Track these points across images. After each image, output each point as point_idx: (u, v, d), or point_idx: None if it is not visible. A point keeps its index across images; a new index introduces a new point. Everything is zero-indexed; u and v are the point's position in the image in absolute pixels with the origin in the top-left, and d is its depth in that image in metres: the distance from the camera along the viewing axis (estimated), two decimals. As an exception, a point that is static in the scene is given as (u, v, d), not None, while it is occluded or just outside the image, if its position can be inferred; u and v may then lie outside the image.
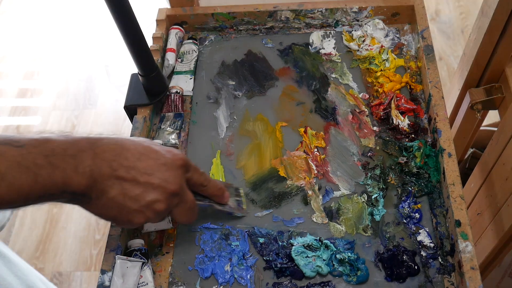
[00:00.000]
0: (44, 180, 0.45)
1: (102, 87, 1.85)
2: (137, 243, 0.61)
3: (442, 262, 0.59)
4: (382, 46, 0.78)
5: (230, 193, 0.62)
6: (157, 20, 0.81)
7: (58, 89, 1.87)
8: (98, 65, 1.91)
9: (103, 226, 1.51)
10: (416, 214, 0.62)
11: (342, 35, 0.80)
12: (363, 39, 0.79)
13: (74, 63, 1.93)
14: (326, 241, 0.61)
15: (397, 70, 0.75)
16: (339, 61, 0.78)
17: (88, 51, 1.96)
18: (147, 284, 0.58)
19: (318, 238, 0.61)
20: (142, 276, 0.58)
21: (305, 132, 0.71)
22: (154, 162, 0.51)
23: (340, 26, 0.81)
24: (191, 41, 0.80)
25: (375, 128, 0.70)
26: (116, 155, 0.49)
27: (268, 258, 0.60)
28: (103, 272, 0.58)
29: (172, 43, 0.79)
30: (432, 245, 0.60)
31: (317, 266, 0.59)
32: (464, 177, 0.95)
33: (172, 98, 0.74)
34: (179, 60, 0.79)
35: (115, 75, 1.87)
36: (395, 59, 0.76)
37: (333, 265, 0.59)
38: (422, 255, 0.59)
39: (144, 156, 0.51)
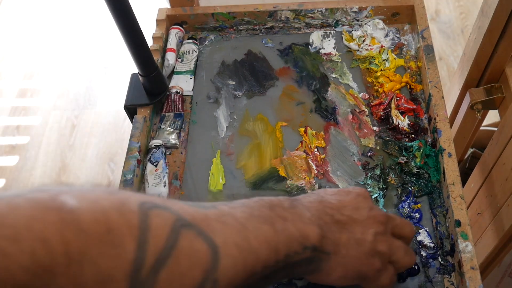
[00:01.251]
0: (283, 231, 0.39)
1: (102, 87, 1.86)
2: (137, 243, 0.61)
3: (442, 262, 0.59)
4: (382, 46, 0.78)
5: None
6: (157, 20, 0.81)
7: (58, 89, 1.87)
8: (98, 65, 1.91)
9: (103, 226, 1.51)
10: (416, 214, 0.62)
11: (342, 35, 0.80)
12: (363, 39, 0.79)
13: (74, 63, 1.93)
14: (326, 241, 0.61)
15: (397, 70, 0.75)
16: (339, 61, 0.78)
17: (88, 51, 1.96)
18: (147, 284, 0.58)
19: (318, 238, 0.61)
20: (142, 276, 0.58)
21: (305, 132, 0.71)
22: (347, 196, 0.48)
23: (340, 26, 0.81)
24: (191, 41, 0.80)
25: (375, 128, 0.70)
26: (319, 203, 0.46)
27: (268, 258, 0.60)
28: (103, 272, 0.58)
29: (172, 43, 0.79)
30: (432, 245, 0.60)
31: (317, 266, 0.59)
32: (464, 177, 0.95)
33: (172, 98, 0.74)
34: (179, 60, 0.79)
35: (115, 75, 1.87)
36: (395, 59, 0.76)
37: (333, 265, 0.59)
38: (422, 255, 0.59)
39: (336, 195, 0.48)
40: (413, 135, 0.68)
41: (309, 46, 0.80)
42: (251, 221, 0.38)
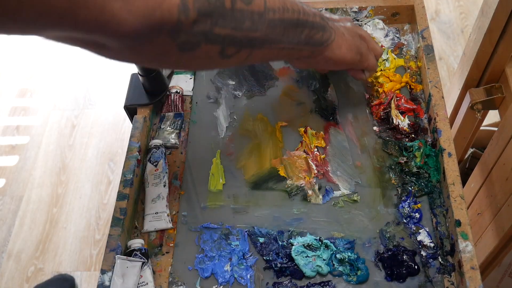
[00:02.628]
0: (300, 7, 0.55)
1: (102, 87, 1.86)
2: (137, 243, 0.61)
3: (442, 262, 0.59)
4: (382, 46, 0.78)
5: None
6: (157, 20, 0.81)
7: (58, 89, 1.87)
8: (98, 65, 1.91)
9: (103, 226, 1.51)
10: (416, 214, 0.62)
11: (342, 35, 0.80)
12: (363, 39, 0.79)
13: (74, 63, 1.93)
14: (326, 240, 0.61)
15: (397, 70, 0.75)
16: None
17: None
18: (147, 284, 0.58)
19: (318, 237, 0.61)
20: (142, 276, 0.58)
21: (305, 132, 0.71)
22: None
23: (340, 26, 0.81)
24: (191, 41, 0.80)
25: (375, 128, 0.70)
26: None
27: (268, 258, 0.60)
28: (103, 272, 0.58)
29: (172, 43, 0.79)
30: (432, 245, 0.60)
31: (317, 265, 0.59)
32: (464, 177, 0.95)
33: (172, 98, 0.74)
34: (179, 60, 0.79)
35: (115, 75, 1.87)
36: (395, 59, 0.76)
37: (333, 264, 0.59)
38: (422, 255, 0.59)
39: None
40: (413, 135, 0.68)
41: (309, 46, 0.80)
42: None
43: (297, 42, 0.56)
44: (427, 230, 0.61)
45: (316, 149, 0.69)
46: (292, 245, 0.61)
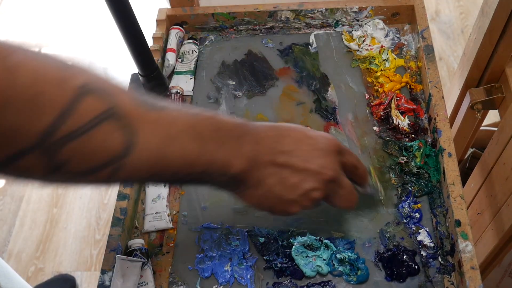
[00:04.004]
0: (209, 154, 0.44)
1: (102, 87, 1.86)
2: (137, 243, 0.61)
3: (442, 262, 0.59)
4: (382, 46, 0.78)
5: None
6: (157, 20, 0.81)
7: (58, 89, 1.87)
8: (98, 65, 1.91)
9: (103, 226, 1.51)
10: (416, 214, 0.62)
11: (342, 35, 0.80)
12: (363, 39, 0.79)
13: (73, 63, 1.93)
14: (326, 240, 0.61)
15: (397, 70, 0.75)
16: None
17: (88, 51, 1.96)
18: (147, 284, 0.58)
19: (318, 237, 0.61)
20: (142, 276, 0.58)
21: (305, 132, 0.71)
22: (311, 148, 0.49)
23: (340, 26, 0.81)
24: (191, 41, 0.80)
25: (375, 128, 0.70)
26: (275, 142, 0.48)
27: (268, 258, 0.60)
28: (103, 272, 0.58)
29: (172, 43, 0.79)
30: (432, 244, 0.60)
31: (317, 265, 0.59)
32: (464, 177, 0.95)
33: (172, 98, 0.74)
34: (179, 60, 0.79)
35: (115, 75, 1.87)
36: (395, 59, 0.76)
37: (333, 264, 0.59)
38: (422, 254, 0.59)
39: (301, 142, 0.49)
40: (413, 135, 0.69)
41: (309, 46, 0.80)
42: (184, 134, 0.42)
43: None
44: (427, 230, 0.61)
45: (316, 149, 0.69)
46: (292, 245, 0.61)
